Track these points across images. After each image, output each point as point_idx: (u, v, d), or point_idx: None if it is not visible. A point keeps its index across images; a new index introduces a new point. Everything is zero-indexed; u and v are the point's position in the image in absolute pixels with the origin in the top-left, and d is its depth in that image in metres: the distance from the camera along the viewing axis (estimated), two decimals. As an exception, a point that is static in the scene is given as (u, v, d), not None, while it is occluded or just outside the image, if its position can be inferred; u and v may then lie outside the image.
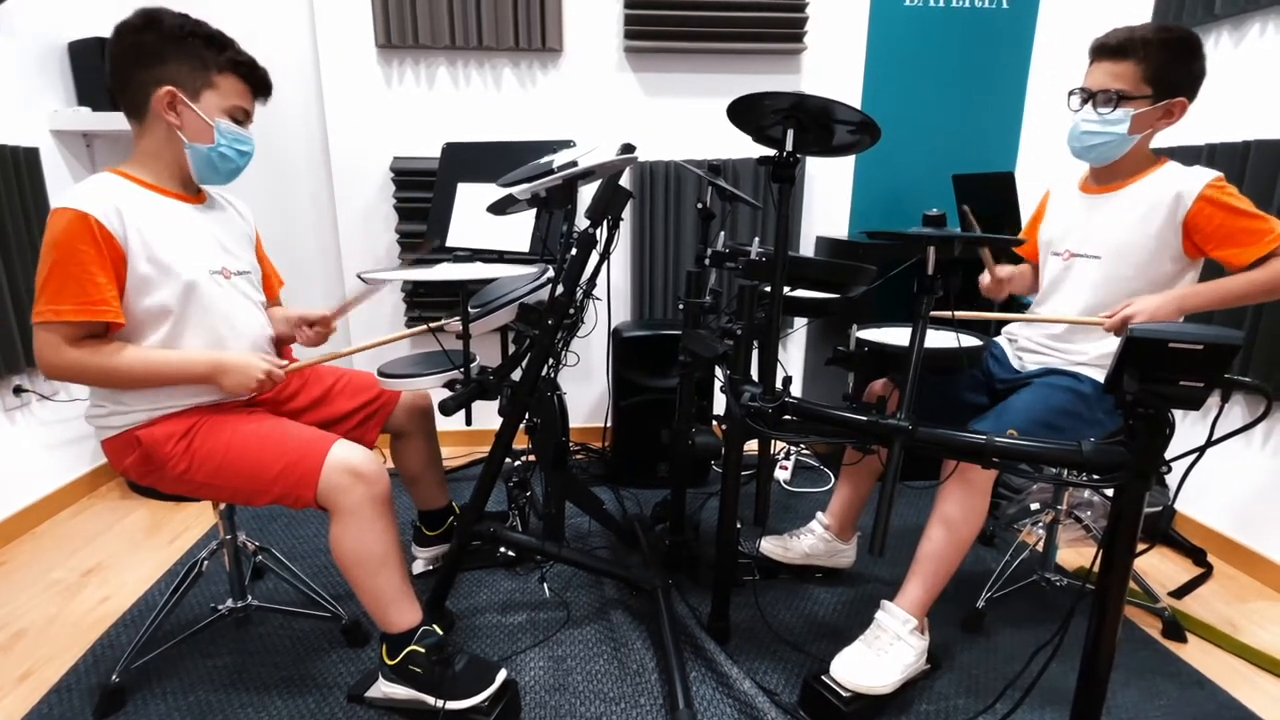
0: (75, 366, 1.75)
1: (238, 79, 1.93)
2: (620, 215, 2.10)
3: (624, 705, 2.05)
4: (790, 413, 1.85)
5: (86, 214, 1.69)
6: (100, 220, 1.70)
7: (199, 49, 1.85)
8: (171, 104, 1.83)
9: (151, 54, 1.82)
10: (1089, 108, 2.10)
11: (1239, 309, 2.65)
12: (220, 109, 1.89)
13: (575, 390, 4.05)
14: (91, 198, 1.72)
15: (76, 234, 1.68)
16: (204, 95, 1.87)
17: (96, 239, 1.70)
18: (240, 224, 2.16)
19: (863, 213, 4.01)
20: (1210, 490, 2.92)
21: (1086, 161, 2.21)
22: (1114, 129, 2.07)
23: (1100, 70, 2.08)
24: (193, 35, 1.84)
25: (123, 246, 1.75)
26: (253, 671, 2.17)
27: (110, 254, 1.72)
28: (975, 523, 2.04)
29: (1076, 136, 2.14)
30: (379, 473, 1.90)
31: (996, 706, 2.03)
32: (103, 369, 1.76)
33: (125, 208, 1.76)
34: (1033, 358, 2.36)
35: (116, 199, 1.76)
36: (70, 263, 1.68)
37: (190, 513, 3.18)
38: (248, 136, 1.98)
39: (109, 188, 1.79)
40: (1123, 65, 2.04)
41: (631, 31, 3.60)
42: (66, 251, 1.68)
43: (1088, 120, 2.10)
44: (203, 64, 1.86)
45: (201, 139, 1.88)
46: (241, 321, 2.02)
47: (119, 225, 1.74)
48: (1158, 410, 1.38)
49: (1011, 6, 3.75)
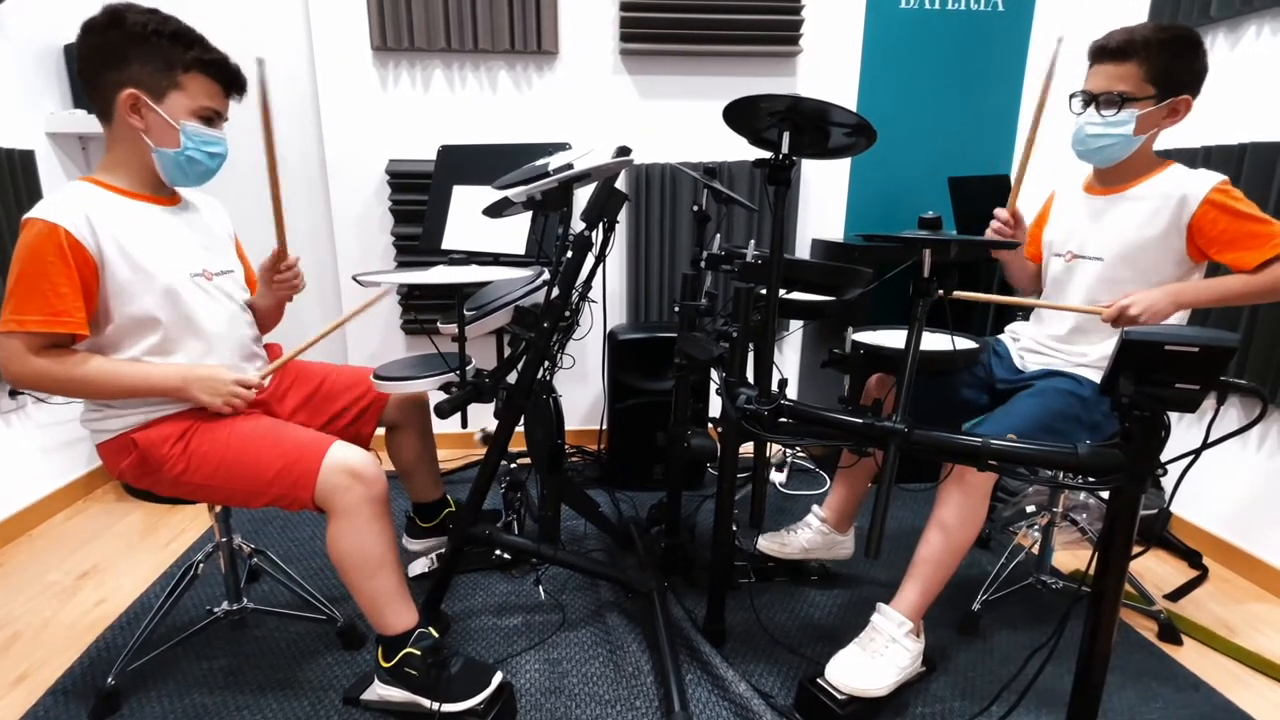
0: (40, 375, 1.74)
1: (207, 78, 1.87)
2: (616, 218, 2.11)
3: (619, 708, 2.05)
4: (786, 415, 1.86)
5: (55, 224, 1.68)
6: (69, 230, 1.69)
7: (164, 48, 1.79)
8: (135, 106, 1.79)
9: (115, 54, 1.78)
10: (1092, 110, 2.10)
11: (1235, 312, 2.65)
12: (188, 110, 1.84)
13: (571, 393, 4.04)
14: (61, 208, 1.71)
15: (44, 245, 1.68)
16: (170, 96, 1.82)
17: (64, 250, 1.68)
18: (217, 223, 2.15)
19: (858, 215, 4.02)
20: (1206, 493, 2.92)
21: (1092, 164, 2.22)
22: (1119, 130, 2.07)
23: (1102, 72, 2.09)
24: (156, 34, 1.78)
25: (95, 257, 1.74)
26: (248, 674, 2.17)
27: (79, 265, 1.71)
28: (973, 527, 2.04)
29: (1081, 140, 2.14)
30: (377, 474, 1.90)
31: (992, 709, 2.03)
32: (66, 378, 1.76)
33: (97, 217, 1.75)
34: (1035, 358, 2.36)
35: (88, 208, 1.75)
36: (37, 274, 1.68)
37: (186, 515, 3.17)
38: (218, 138, 1.93)
39: (80, 197, 1.78)
40: (1125, 66, 2.04)
41: (627, 34, 3.60)
42: (34, 262, 1.68)
43: (1092, 123, 2.10)
44: (167, 64, 1.80)
45: (167, 142, 1.84)
46: (226, 325, 2.02)
47: (90, 235, 1.73)
48: (1153, 412, 1.38)
49: (1007, 9, 3.76)
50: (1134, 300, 1.99)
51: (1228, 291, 2.02)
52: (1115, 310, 2.00)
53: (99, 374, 1.79)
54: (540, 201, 2.06)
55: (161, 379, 1.84)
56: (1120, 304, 2.00)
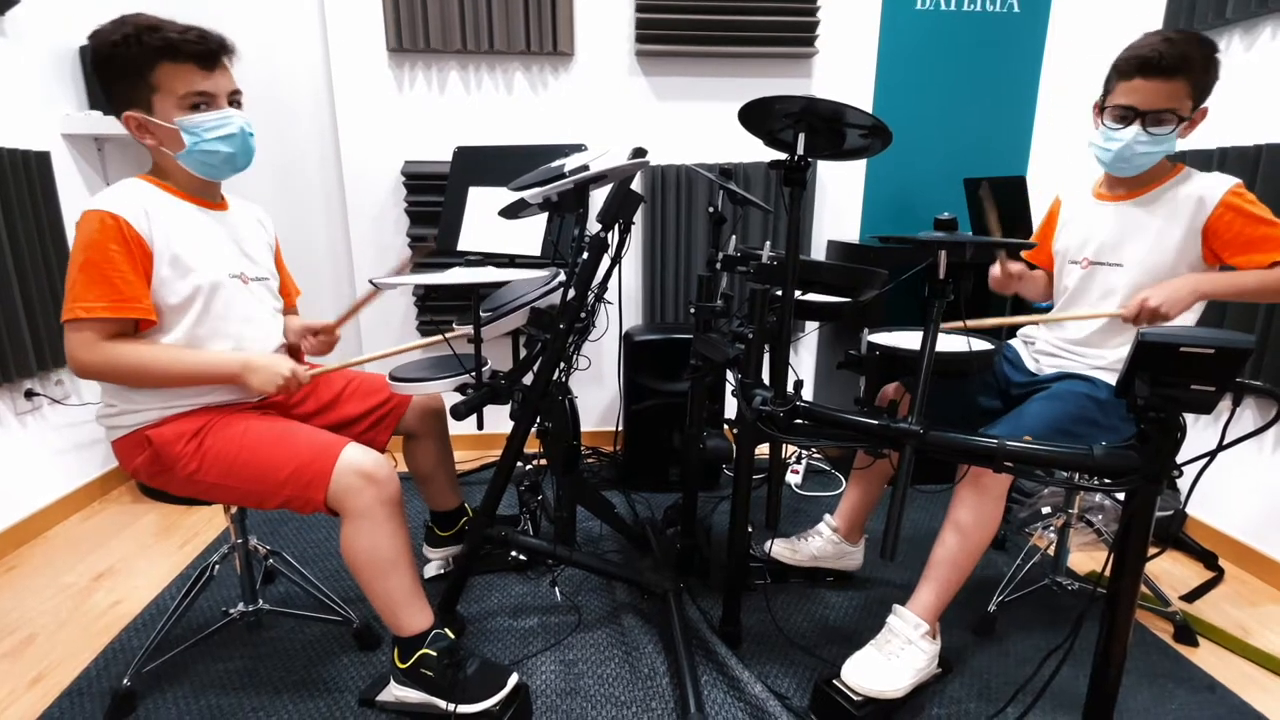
0: (108, 363, 1.76)
1: (175, 64, 1.79)
2: (632, 219, 2.11)
3: (635, 709, 2.05)
4: (802, 417, 1.85)
5: (117, 215, 1.72)
6: (129, 221, 1.73)
7: (127, 56, 1.76)
8: (139, 126, 1.82)
9: (106, 83, 1.82)
10: (1138, 128, 2.03)
11: (1250, 314, 2.65)
12: (174, 105, 1.81)
13: (587, 394, 4.05)
14: (120, 200, 1.76)
15: (107, 234, 1.71)
16: (154, 101, 1.81)
17: (126, 239, 1.73)
18: (260, 231, 2.18)
19: (874, 217, 4.02)
20: (1222, 494, 2.91)
21: (1121, 175, 2.17)
22: (1165, 146, 2.04)
23: (1150, 89, 2.01)
24: (115, 45, 1.76)
25: (150, 246, 1.78)
26: (264, 675, 2.18)
27: (139, 253, 1.75)
28: (989, 528, 2.03)
29: (1126, 158, 2.07)
30: (390, 476, 1.90)
31: (1008, 711, 2.03)
32: (134, 365, 1.78)
33: (152, 210, 1.79)
34: (1050, 361, 2.35)
35: (144, 202, 1.79)
36: (101, 261, 1.71)
37: (201, 516, 3.19)
38: (220, 119, 1.86)
39: (137, 191, 1.82)
40: (1175, 84, 1.99)
41: (643, 35, 3.61)
42: (97, 251, 1.71)
43: (1140, 141, 2.04)
44: (135, 70, 1.78)
45: (177, 146, 1.85)
46: (257, 325, 2.04)
47: (146, 226, 1.77)
48: (1169, 414, 1.38)
49: (1023, 10, 3.75)
50: (1152, 293, 1.98)
51: (1244, 285, 2.01)
52: (1134, 306, 1.99)
53: (166, 360, 1.82)
54: (556, 203, 2.06)
55: (224, 363, 1.87)
56: (1139, 298, 1.99)
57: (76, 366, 1.77)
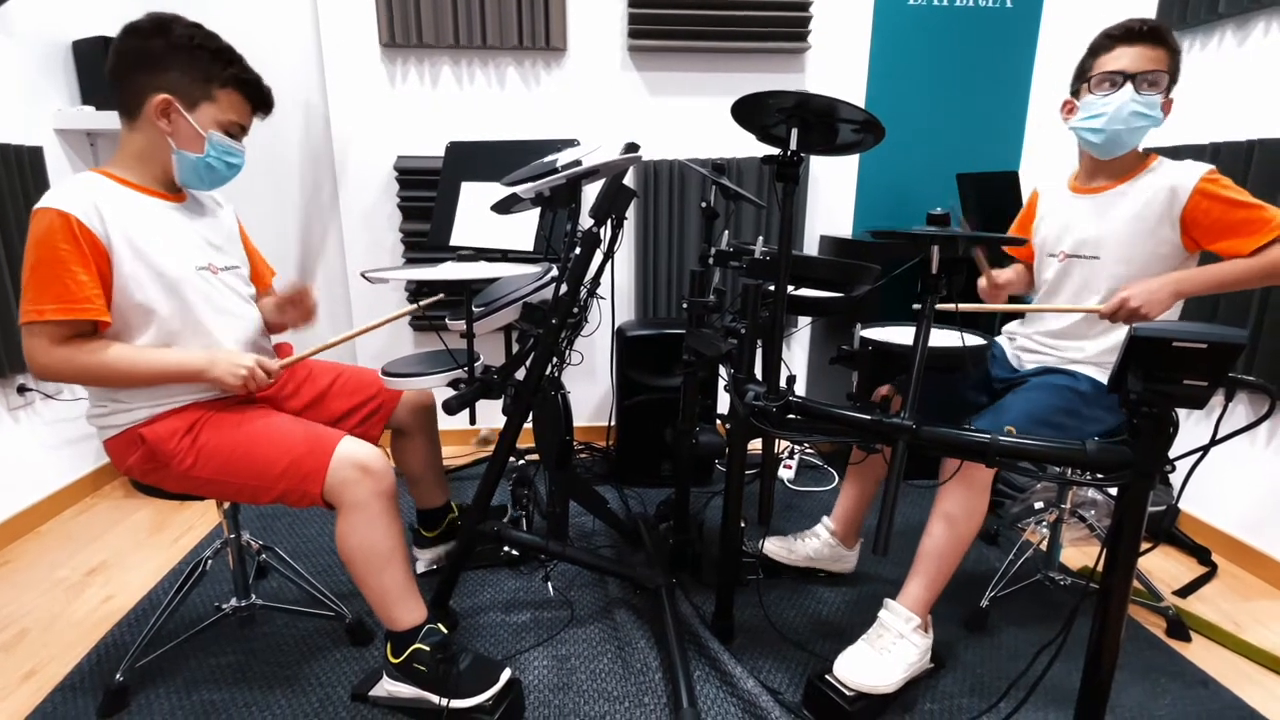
0: (68, 365, 1.75)
1: (240, 96, 1.94)
2: (624, 214, 2.11)
3: (628, 704, 2.05)
4: (794, 412, 1.86)
5: (67, 213, 1.69)
6: (80, 219, 1.70)
7: (205, 62, 1.85)
8: (165, 111, 1.82)
9: (156, 60, 1.81)
10: (1129, 89, 2.05)
11: (1243, 308, 2.65)
12: (216, 122, 1.89)
13: (579, 389, 4.05)
14: (71, 197, 1.72)
15: (57, 233, 1.68)
16: (201, 107, 1.87)
17: (77, 237, 1.69)
18: (222, 219, 2.15)
19: (867, 212, 4.01)
20: (1214, 489, 2.92)
21: (1109, 155, 2.16)
22: (1154, 115, 2.05)
23: (1136, 53, 2.04)
24: (201, 48, 1.84)
25: (105, 245, 1.75)
26: (257, 670, 2.17)
27: (92, 252, 1.72)
28: (976, 519, 2.04)
29: (1123, 119, 2.06)
30: (385, 469, 1.91)
31: (1000, 705, 2.03)
32: (91, 367, 1.76)
33: (106, 206, 1.76)
34: (1030, 357, 2.37)
35: (97, 198, 1.75)
36: (52, 261, 1.68)
37: (194, 512, 3.19)
38: (239, 150, 1.97)
39: (90, 187, 1.78)
40: (1158, 51, 2.03)
41: (636, 30, 3.60)
42: (47, 251, 1.68)
43: (1135, 101, 2.04)
44: (205, 77, 1.86)
45: (191, 147, 1.87)
46: (231, 316, 2.02)
47: (99, 224, 1.73)
48: (1161, 409, 1.38)
49: (1015, 5, 3.75)
50: (1133, 292, 1.98)
51: (1225, 277, 2.01)
52: (1114, 304, 2.00)
53: (124, 360, 1.79)
54: (549, 198, 2.07)
55: (187, 361, 1.85)
56: (1119, 296, 1.99)
57: (35, 369, 1.77)
